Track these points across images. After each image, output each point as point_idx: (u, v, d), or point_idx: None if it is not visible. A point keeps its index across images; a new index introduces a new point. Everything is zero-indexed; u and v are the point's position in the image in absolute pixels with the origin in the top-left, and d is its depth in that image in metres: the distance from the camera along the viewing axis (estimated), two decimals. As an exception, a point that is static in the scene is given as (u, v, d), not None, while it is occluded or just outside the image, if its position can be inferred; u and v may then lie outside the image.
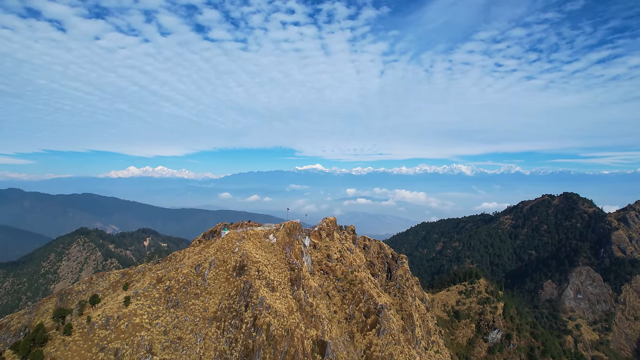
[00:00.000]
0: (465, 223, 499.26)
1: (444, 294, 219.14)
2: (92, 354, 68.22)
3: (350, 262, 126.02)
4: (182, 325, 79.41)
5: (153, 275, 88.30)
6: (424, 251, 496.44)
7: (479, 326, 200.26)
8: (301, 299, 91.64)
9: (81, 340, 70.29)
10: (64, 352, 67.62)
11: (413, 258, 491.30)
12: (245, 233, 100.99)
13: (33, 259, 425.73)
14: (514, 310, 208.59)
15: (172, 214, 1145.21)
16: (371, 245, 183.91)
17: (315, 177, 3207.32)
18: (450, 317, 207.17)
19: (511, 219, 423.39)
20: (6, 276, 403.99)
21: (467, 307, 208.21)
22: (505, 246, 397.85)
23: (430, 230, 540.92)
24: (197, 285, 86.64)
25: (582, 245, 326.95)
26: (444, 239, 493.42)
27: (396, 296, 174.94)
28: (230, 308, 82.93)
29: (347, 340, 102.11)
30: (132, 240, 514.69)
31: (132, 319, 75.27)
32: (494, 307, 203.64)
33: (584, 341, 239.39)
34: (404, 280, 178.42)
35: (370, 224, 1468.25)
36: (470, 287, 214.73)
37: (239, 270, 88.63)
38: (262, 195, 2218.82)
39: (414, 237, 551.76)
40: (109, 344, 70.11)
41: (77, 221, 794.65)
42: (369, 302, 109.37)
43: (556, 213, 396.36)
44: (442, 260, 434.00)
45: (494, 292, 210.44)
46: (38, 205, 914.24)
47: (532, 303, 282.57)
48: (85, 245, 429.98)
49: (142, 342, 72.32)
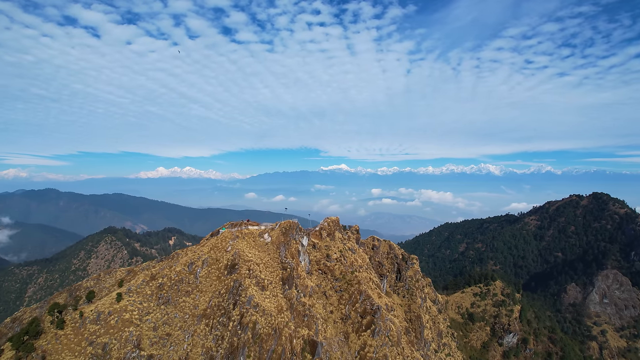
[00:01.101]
0: (489, 224, 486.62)
1: (458, 295, 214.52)
2: (81, 347, 70.95)
3: (351, 262, 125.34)
4: (172, 322, 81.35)
5: (147, 272, 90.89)
6: (447, 252, 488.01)
7: (493, 329, 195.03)
8: (292, 298, 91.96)
9: (72, 334, 73.20)
10: (55, 345, 70.63)
11: (435, 259, 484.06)
12: (240, 232, 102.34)
13: (65, 256, 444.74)
14: (531, 314, 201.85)
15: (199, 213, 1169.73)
16: (380, 246, 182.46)
17: (341, 177, 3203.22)
18: (465, 320, 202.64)
19: (536, 220, 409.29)
20: (40, 272, 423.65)
21: (482, 309, 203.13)
22: (530, 248, 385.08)
23: (453, 231, 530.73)
24: (189, 283, 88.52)
25: (611, 248, 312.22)
26: (467, 240, 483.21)
27: (405, 297, 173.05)
28: (219, 306, 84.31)
29: (342, 340, 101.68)
30: (157, 239, 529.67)
31: (122, 314, 77.73)
32: (509, 310, 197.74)
33: (609, 348, 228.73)
34: (413, 282, 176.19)
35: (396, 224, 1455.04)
36: (486, 290, 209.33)
37: (230, 268, 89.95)
38: (288, 195, 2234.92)
39: (436, 237, 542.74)
40: (97, 339, 72.72)
41: (108, 220, 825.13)
42: (366, 303, 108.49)
43: (584, 214, 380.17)
44: (464, 262, 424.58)
45: (510, 295, 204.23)
46: (72, 205, 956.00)
47: (555, 307, 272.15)
48: (112, 243, 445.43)
49: (130, 338, 74.60)
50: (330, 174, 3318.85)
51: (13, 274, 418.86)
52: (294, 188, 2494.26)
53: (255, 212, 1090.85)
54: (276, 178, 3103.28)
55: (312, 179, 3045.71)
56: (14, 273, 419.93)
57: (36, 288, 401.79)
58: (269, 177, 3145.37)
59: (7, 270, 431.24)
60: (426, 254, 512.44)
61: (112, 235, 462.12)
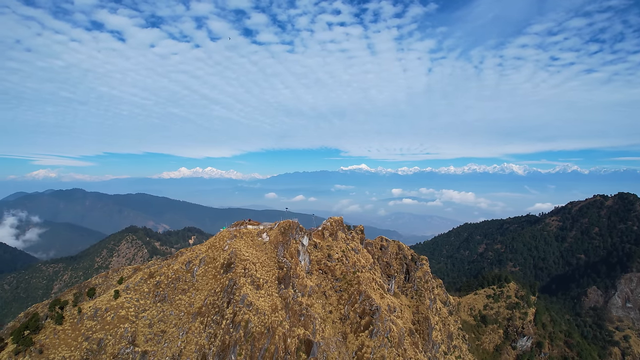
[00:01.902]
0: (509, 224, 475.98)
1: (471, 297, 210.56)
2: (77, 342, 73.28)
3: (353, 263, 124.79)
4: (167, 319, 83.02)
5: (146, 270, 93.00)
6: (466, 253, 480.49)
7: (507, 332, 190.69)
8: (288, 298, 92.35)
9: (70, 329, 75.67)
10: (52, 340, 73.19)
11: (454, 260, 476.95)
12: (238, 231, 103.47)
13: (88, 254, 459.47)
14: (546, 317, 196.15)
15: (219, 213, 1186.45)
16: (389, 246, 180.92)
17: (361, 177, 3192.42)
18: (477, 322, 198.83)
19: (558, 221, 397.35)
20: (65, 269, 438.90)
21: (495, 311, 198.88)
22: (551, 249, 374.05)
23: (472, 231, 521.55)
24: (186, 281, 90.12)
25: (636, 250, 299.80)
26: (486, 240, 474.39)
27: (413, 298, 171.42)
28: (214, 304, 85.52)
29: (340, 340, 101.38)
30: (177, 238, 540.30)
31: (118, 311, 79.85)
32: (523, 312, 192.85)
33: (632, 354, 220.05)
34: (422, 283, 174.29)
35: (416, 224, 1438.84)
36: (499, 291, 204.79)
37: (226, 267, 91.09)
38: (308, 195, 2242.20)
39: (455, 238, 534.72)
40: (93, 334, 74.95)
41: (131, 220, 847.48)
42: (365, 303, 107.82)
43: (609, 215, 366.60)
44: (483, 263, 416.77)
45: (524, 297, 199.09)
46: (97, 205, 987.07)
47: (575, 310, 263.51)
48: (133, 242, 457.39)
49: (125, 334, 76.57)
50: (350, 174, 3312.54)
51: (40, 271, 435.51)
52: (314, 188, 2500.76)
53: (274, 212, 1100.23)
54: (296, 178, 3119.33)
55: (332, 179, 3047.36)
56: (41, 270, 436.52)
57: (61, 285, 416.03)
58: (289, 177, 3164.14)
59: (35, 267, 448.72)
60: (445, 255, 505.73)
61: (133, 234, 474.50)
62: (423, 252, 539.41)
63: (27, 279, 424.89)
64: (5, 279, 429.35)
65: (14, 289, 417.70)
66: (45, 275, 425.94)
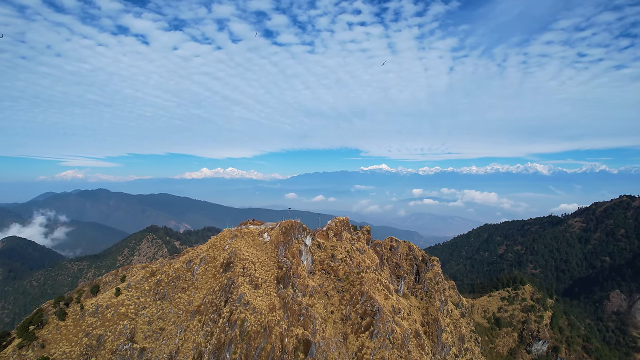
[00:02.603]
0: (530, 225, 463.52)
1: (485, 299, 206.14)
2: (78, 338, 75.60)
3: (358, 263, 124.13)
4: (166, 317, 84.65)
5: (148, 269, 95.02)
6: (485, 254, 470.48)
7: (521, 336, 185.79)
8: (286, 297, 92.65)
9: (72, 325, 78.14)
10: (54, 335, 75.74)
11: (473, 261, 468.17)
12: (239, 231, 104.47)
13: (111, 253, 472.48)
14: (564, 321, 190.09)
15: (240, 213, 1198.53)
16: (399, 247, 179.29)
17: (381, 177, 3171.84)
18: (491, 325, 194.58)
19: (581, 222, 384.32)
20: (89, 267, 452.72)
21: (510, 314, 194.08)
22: (574, 251, 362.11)
23: (492, 232, 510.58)
24: (186, 280, 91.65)
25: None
26: (507, 242, 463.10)
27: (423, 299, 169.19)
28: (212, 303, 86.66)
29: (340, 341, 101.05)
30: (197, 237, 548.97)
31: (118, 308, 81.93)
32: (539, 316, 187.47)
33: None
34: (433, 284, 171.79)
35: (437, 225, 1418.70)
36: (514, 294, 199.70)
37: (226, 266, 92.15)
38: (327, 195, 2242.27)
39: (475, 239, 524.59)
40: (93, 330, 77.16)
41: (153, 219, 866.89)
42: (366, 304, 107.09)
43: (636, 216, 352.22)
44: (502, 265, 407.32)
45: (540, 300, 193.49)
46: (121, 204, 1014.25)
47: (596, 315, 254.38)
48: (153, 241, 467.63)
49: (124, 331, 78.50)
50: (370, 174, 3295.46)
51: (66, 269, 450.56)
52: (333, 188, 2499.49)
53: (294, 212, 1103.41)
54: (316, 178, 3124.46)
55: (352, 179, 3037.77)
56: (66, 267, 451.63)
57: (85, 282, 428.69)
58: (309, 178, 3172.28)
59: (61, 264, 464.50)
60: (464, 256, 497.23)
61: (153, 233, 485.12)
62: (442, 253, 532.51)
63: (54, 276, 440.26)
64: (33, 276, 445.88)
65: (41, 285, 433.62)
66: (70, 273, 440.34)
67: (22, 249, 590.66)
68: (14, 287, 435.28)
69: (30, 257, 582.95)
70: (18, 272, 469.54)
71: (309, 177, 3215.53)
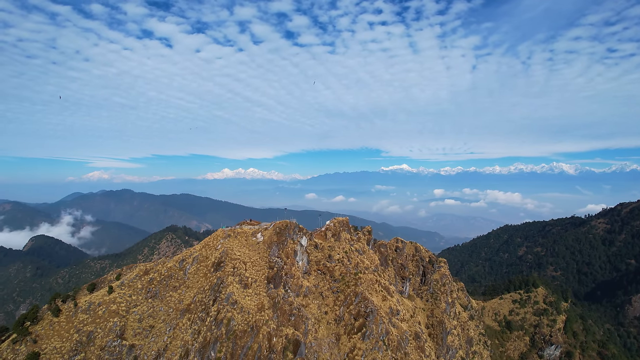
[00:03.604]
0: (552, 226, 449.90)
1: (496, 302, 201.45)
2: (69, 334, 78.05)
3: (356, 264, 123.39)
4: (156, 315, 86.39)
5: (142, 267, 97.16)
6: (505, 256, 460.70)
7: (533, 340, 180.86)
8: (276, 297, 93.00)
9: (65, 321, 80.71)
10: (47, 331, 78.40)
11: (492, 263, 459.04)
12: (232, 231, 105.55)
13: (132, 252, 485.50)
14: (578, 325, 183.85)
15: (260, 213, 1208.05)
16: (405, 248, 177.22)
17: (402, 178, 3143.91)
18: (502, 328, 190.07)
19: (605, 223, 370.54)
20: (111, 266, 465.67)
21: (521, 317, 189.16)
22: (597, 253, 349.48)
23: (513, 233, 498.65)
24: (178, 279, 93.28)
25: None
26: (527, 243, 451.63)
27: (428, 301, 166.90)
28: (201, 302, 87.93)
29: (333, 342, 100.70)
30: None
31: (109, 305, 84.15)
32: (552, 319, 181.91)
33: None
34: (439, 285, 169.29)
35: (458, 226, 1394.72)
36: (526, 296, 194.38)
37: (216, 266, 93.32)
38: (347, 195, 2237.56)
39: (495, 240, 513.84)
40: (84, 327, 79.50)
41: (175, 219, 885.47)
42: (360, 305, 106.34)
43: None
44: (522, 266, 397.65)
45: (553, 304, 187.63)
46: (144, 204, 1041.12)
47: (617, 320, 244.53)
48: (172, 241, 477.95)
49: (114, 328, 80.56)
50: (391, 174, 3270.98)
51: (89, 267, 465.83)
52: (354, 189, 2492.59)
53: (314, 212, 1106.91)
54: (336, 179, 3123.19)
55: (373, 179, 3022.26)
56: (89, 266, 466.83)
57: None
58: (329, 178, 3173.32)
59: (84, 263, 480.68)
60: (483, 258, 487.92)
61: (173, 233, 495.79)
62: (461, 254, 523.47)
63: (78, 274, 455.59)
64: (59, 274, 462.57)
65: (66, 282, 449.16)
66: (93, 271, 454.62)
67: (49, 248, 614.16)
68: (40, 284, 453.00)
69: (57, 256, 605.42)
70: (45, 270, 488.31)
71: (329, 177, 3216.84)
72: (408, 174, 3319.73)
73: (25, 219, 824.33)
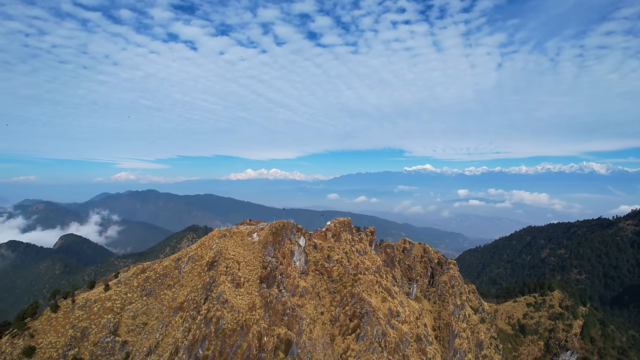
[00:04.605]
0: (577, 228, 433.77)
1: (509, 305, 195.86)
2: (65, 329, 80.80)
3: (356, 264, 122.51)
4: (150, 312, 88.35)
5: (140, 266, 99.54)
6: (527, 258, 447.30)
7: (548, 345, 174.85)
8: (268, 297, 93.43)
9: (62, 317, 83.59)
10: (45, 326, 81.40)
11: (514, 265, 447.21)
12: (228, 231, 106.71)
13: (154, 251, 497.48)
14: (597, 331, 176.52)
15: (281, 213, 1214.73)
16: (413, 249, 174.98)
17: (425, 178, 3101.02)
18: (515, 332, 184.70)
19: (634, 225, 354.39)
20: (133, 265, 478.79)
21: (536, 321, 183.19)
22: (625, 256, 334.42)
23: (536, 234, 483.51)
24: (173, 277, 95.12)
25: None
26: (551, 245, 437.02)
27: (436, 303, 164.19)
28: (194, 300, 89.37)
29: (327, 342, 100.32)
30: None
31: (105, 302, 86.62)
32: (568, 324, 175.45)
33: None
34: (447, 287, 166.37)
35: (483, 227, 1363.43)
36: (541, 300, 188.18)
37: (210, 265, 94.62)
38: (370, 196, 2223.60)
39: (517, 242, 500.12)
40: (79, 323, 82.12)
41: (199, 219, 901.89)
42: (356, 306, 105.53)
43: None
44: (544, 269, 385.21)
45: (570, 308, 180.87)
46: (168, 205, 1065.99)
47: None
48: (193, 240, 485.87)
49: (107, 324, 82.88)
50: (414, 175, 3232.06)
51: (113, 265, 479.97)
52: (376, 189, 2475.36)
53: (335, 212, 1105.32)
54: (359, 179, 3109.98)
55: (395, 179, 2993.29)
56: (113, 264, 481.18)
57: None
58: (351, 178, 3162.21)
59: (109, 261, 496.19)
60: (505, 259, 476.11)
61: (193, 232, 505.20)
62: (483, 255, 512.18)
63: (102, 272, 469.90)
64: (85, 271, 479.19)
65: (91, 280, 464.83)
66: (116, 269, 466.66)
67: (77, 246, 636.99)
68: (68, 281, 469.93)
69: (85, 254, 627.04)
70: (73, 267, 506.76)
71: (351, 177, 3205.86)
72: (431, 174, 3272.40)
73: (56, 218, 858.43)
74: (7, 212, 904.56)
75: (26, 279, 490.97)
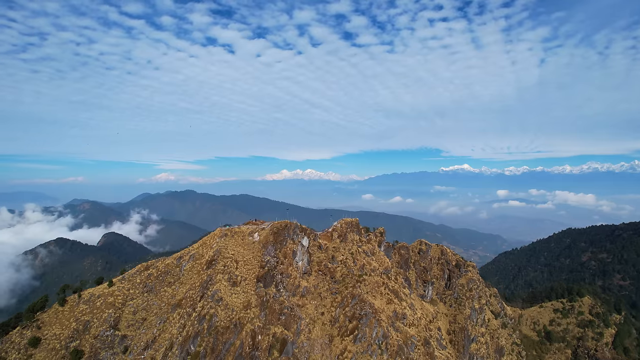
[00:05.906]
0: (622, 231, 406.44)
1: (535, 310, 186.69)
2: (69, 322, 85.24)
3: (361, 265, 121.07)
4: (150, 308, 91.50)
5: (144, 263, 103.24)
6: (566, 262, 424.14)
7: (576, 354, 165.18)
8: (265, 296, 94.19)
9: (68, 311, 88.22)
10: (51, 318, 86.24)
11: (552, 269, 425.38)
12: (229, 230, 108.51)
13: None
14: (631, 341, 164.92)
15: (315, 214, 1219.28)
16: (429, 250, 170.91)
17: (462, 178, 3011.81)
18: (540, 338, 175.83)
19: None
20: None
21: (563, 328, 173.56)
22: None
23: (576, 237, 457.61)
24: (174, 275, 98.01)
25: None
26: (592, 248, 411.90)
27: (452, 306, 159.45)
28: (191, 297, 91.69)
29: (326, 343, 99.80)
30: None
31: (107, 298, 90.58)
32: (598, 332, 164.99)
33: None
34: (464, 290, 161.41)
35: (523, 229, 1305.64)
36: (569, 306, 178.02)
37: (209, 264, 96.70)
38: (405, 196, 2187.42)
39: (556, 245, 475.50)
40: (82, 317, 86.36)
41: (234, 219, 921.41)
42: (356, 307, 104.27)
43: None
44: (584, 274, 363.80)
45: (601, 315, 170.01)
46: (205, 205, 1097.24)
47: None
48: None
49: (108, 318, 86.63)
50: (451, 175, 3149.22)
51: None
52: (412, 189, 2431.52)
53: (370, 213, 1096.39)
54: (394, 179, 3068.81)
55: (432, 180, 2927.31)
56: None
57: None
58: (386, 179, 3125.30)
59: (145, 259, 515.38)
60: (542, 263, 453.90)
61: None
62: (519, 258, 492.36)
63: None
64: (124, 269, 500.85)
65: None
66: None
67: (118, 244, 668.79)
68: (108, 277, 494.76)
69: (125, 252, 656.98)
70: (113, 265, 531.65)
71: (386, 177, 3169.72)
72: (469, 174, 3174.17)
73: (101, 217, 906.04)
74: (58, 211, 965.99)
75: (72, 274, 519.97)
